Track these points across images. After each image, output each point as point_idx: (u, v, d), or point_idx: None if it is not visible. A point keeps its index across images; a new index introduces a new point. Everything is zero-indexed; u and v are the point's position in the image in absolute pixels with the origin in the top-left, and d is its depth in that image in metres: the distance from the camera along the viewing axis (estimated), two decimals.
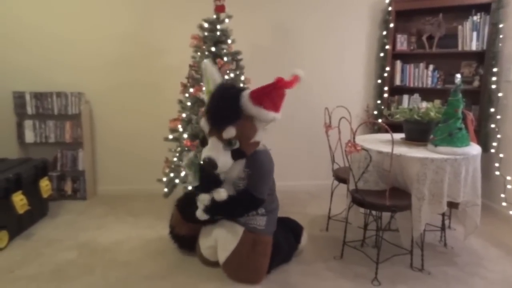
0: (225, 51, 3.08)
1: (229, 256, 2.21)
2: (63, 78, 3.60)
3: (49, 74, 3.58)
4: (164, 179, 3.20)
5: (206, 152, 2.14)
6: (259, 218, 2.28)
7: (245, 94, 2.11)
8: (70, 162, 3.61)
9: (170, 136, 3.19)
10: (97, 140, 3.75)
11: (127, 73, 3.66)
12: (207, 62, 2.32)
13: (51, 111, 3.50)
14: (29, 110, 3.47)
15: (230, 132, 2.09)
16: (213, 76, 2.28)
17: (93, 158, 3.76)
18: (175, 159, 3.20)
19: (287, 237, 2.45)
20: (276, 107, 2.15)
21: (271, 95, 2.09)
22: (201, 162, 2.19)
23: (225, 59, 3.04)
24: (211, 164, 2.09)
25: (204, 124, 2.18)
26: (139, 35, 3.62)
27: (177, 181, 3.13)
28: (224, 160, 2.12)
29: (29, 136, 3.51)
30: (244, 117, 2.12)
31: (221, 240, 2.27)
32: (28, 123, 3.49)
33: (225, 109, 2.09)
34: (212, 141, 2.14)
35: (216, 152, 2.12)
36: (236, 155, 2.16)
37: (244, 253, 2.19)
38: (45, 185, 3.12)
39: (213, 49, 3.06)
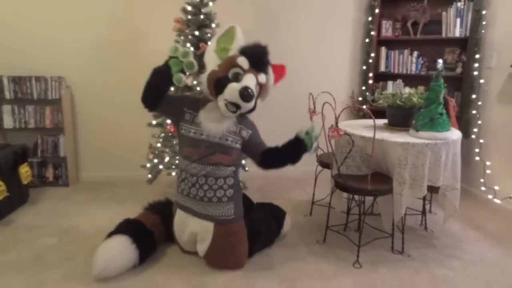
0: (209, 35, 3.03)
1: (206, 251, 2.22)
2: (42, 62, 3.49)
3: (28, 57, 3.47)
4: (148, 165, 3.17)
5: (247, 83, 2.12)
6: (226, 207, 2.22)
7: None
8: (51, 148, 3.54)
9: (154, 122, 3.15)
10: (78, 125, 3.68)
11: (109, 57, 3.58)
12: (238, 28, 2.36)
13: (31, 96, 3.40)
14: (7, 94, 3.37)
15: (263, 78, 2.21)
16: (239, 37, 2.30)
17: (75, 144, 3.69)
18: (158, 144, 3.17)
19: (268, 222, 2.46)
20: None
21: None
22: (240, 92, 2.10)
23: (209, 43, 2.99)
24: (249, 94, 2.07)
25: (244, 61, 2.17)
26: (120, 18, 3.53)
27: (161, 167, 3.11)
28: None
29: (8, 122, 3.42)
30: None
31: (196, 236, 2.28)
32: (6, 108, 3.39)
33: (267, 57, 2.25)
34: (251, 78, 2.16)
35: (253, 87, 2.15)
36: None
37: (220, 246, 2.19)
38: (24, 172, 3.06)
39: (196, 33, 3.01)
